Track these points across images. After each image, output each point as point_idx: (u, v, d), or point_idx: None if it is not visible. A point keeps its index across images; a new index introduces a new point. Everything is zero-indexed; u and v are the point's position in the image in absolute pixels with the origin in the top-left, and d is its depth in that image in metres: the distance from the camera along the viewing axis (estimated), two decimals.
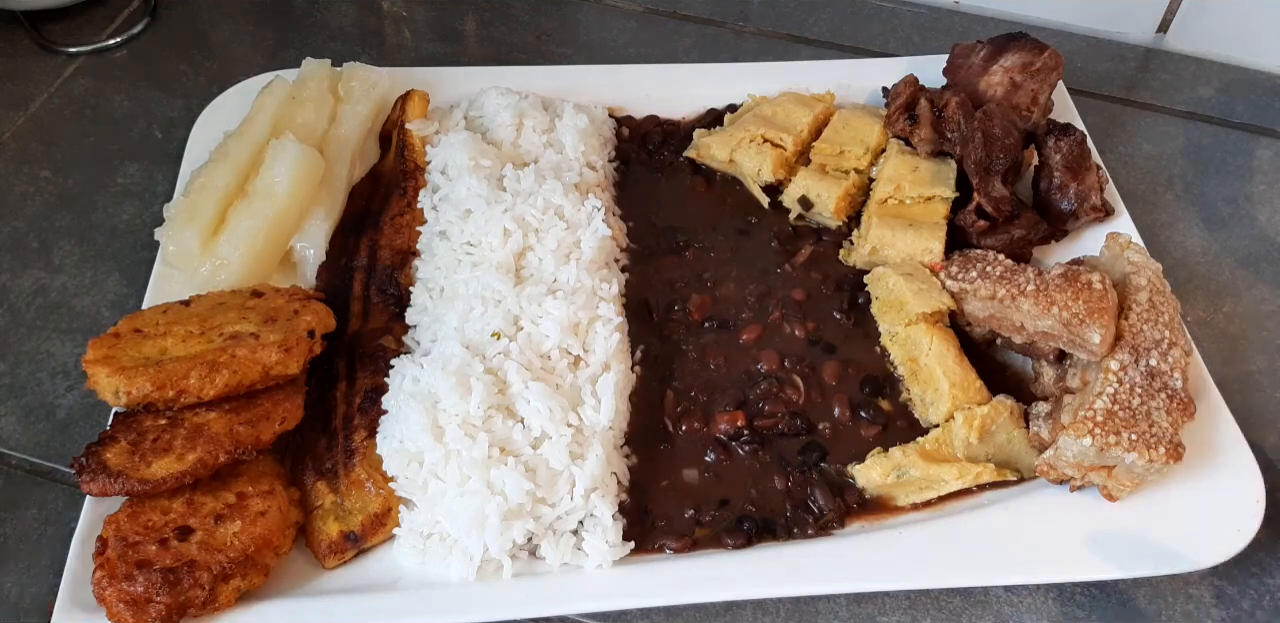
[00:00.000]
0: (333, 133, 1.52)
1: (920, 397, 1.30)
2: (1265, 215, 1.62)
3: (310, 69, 1.57)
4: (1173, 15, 1.85)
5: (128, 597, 1.04)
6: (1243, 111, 1.78)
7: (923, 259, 1.40)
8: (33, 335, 1.41)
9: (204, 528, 1.09)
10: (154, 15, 1.86)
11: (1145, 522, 1.18)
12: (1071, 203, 1.45)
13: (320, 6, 1.92)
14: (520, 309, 1.27)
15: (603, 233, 1.37)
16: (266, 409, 1.17)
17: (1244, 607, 1.20)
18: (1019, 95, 1.53)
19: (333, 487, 1.18)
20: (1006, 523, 1.18)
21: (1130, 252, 1.32)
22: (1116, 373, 1.18)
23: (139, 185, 1.59)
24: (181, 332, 1.22)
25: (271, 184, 1.39)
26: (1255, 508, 1.17)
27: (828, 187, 1.48)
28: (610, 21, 1.91)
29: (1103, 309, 1.22)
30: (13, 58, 1.78)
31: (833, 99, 1.63)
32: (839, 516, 1.20)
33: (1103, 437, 1.13)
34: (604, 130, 1.58)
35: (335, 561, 1.14)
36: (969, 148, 1.43)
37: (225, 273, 1.35)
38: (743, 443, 1.26)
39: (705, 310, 1.40)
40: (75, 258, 1.50)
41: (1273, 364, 1.43)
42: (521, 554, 1.15)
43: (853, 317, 1.40)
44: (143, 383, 1.13)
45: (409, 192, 1.46)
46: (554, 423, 1.18)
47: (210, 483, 1.14)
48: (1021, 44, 1.56)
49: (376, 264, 1.40)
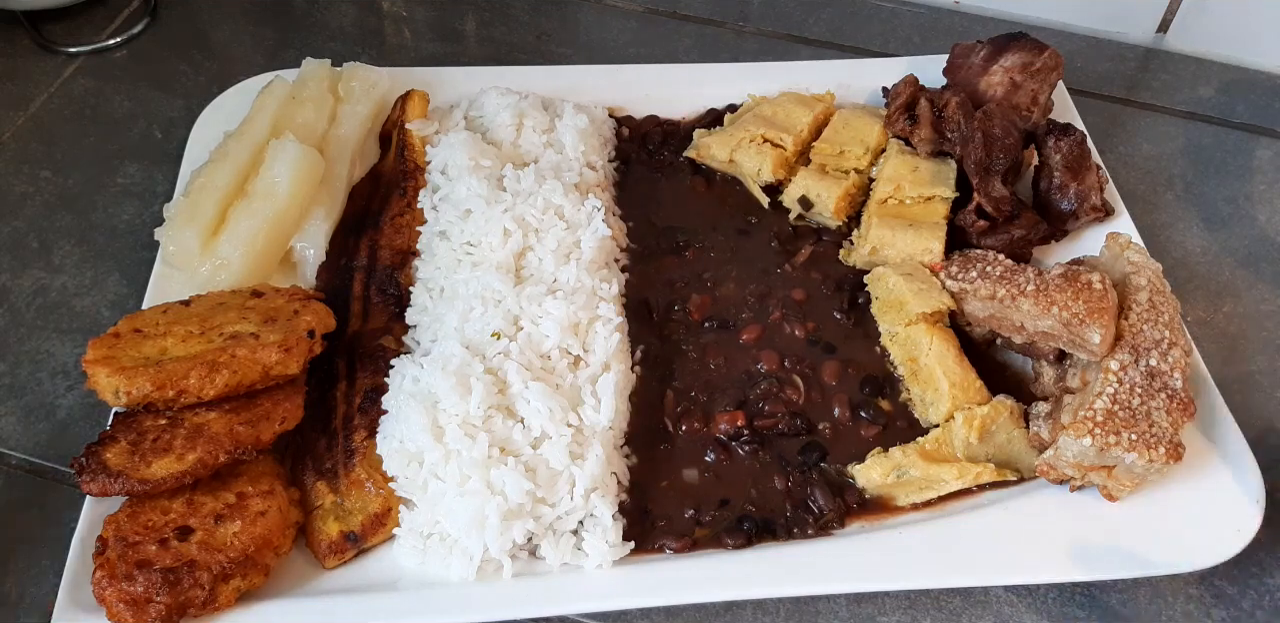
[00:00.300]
0: (333, 133, 1.52)
1: (920, 397, 1.30)
2: (1265, 215, 1.62)
3: (310, 69, 1.57)
4: (1173, 15, 1.85)
5: (128, 597, 1.04)
6: (1243, 111, 1.78)
7: (923, 259, 1.40)
8: (33, 335, 1.41)
9: (204, 528, 1.09)
10: (154, 15, 1.86)
11: (1145, 522, 1.18)
12: (1071, 203, 1.45)
13: (320, 6, 1.92)
14: (520, 309, 1.27)
15: (603, 233, 1.36)
16: (266, 409, 1.17)
17: (1244, 607, 1.20)
18: (1019, 95, 1.53)
19: (333, 487, 1.18)
20: (1006, 523, 1.18)
21: (1130, 252, 1.32)
22: (1116, 373, 1.18)
23: (139, 185, 1.59)
24: (181, 332, 1.22)
25: (272, 184, 1.39)
26: (1255, 508, 1.17)
27: (828, 187, 1.48)
28: (610, 21, 1.91)
29: (1103, 309, 1.22)
30: (13, 58, 1.78)
31: (833, 99, 1.63)
32: (839, 516, 1.20)
33: (1103, 437, 1.13)
34: (604, 130, 1.58)
35: (335, 561, 1.14)
36: (969, 148, 1.43)
37: (225, 273, 1.35)
38: (743, 443, 1.26)
39: (705, 310, 1.40)
40: (75, 258, 1.50)
41: (1273, 364, 1.43)
42: (521, 554, 1.15)
43: (853, 317, 1.40)
44: (143, 383, 1.13)
45: (409, 192, 1.46)
46: (554, 423, 1.18)
47: (210, 483, 1.14)
48: (1021, 44, 1.56)
49: (376, 264, 1.40)
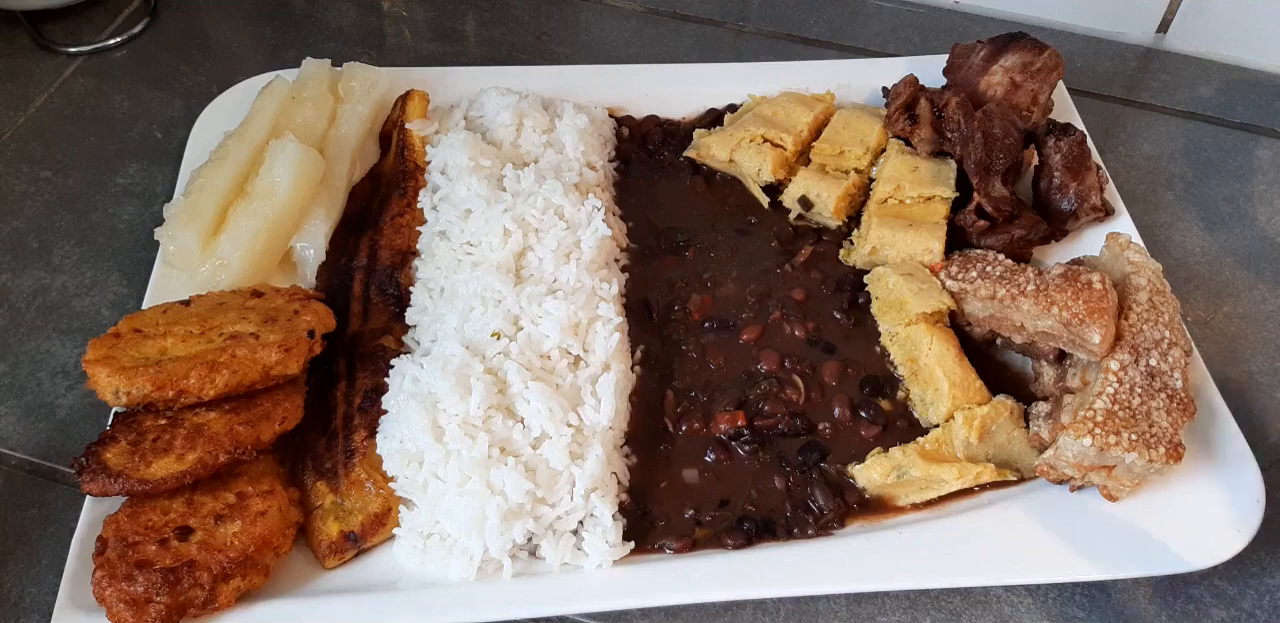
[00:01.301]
0: (332, 133, 1.52)
1: (920, 397, 1.30)
2: (1265, 215, 1.62)
3: (310, 69, 1.57)
4: (1173, 15, 1.85)
5: (128, 597, 1.04)
6: (1243, 111, 1.78)
7: (923, 259, 1.39)
8: (33, 335, 1.41)
9: (204, 528, 1.09)
10: (154, 15, 1.86)
11: (1145, 522, 1.18)
12: (1071, 203, 1.45)
13: (320, 6, 1.92)
14: (520, 309, 1.27)
15: (603, 233, 1.36)
16: (266, 409, 1.17)
17: (1244, 607, 1.20)
18: (1019, 95, 1.53)
19: (333, 487, 1.18)
20: (1006, 523, 1.18)
21: (1130, 252, 1.32)
22: (1116, 373, 1.18)
23: (139, 185, 1.59)
24: (181, 332, 1.22)
25: (272, 184, 1.39)
26: (1255, 508, 1.17)
27: (828, 186, 1.48)
28: (610, 21, 1.91)
29: (1103, 309, 1.22)
30: (13, 58, 1.78)
31: (833, 99, 1.63)
32: (839, 516, 1.20)
33: (1103, 437, 1.13)
34: (604, 130, 1.58)
35: (335, 561, 1.14)
36: (969, 148, 1.43)
37: (225, 273, 1.35)
38: (743, 443, 1.26)
39: (705, 310, 1.40)
40: (75, 258, 1.50)
41: (1273, 364, 1.43)
42: (521, 554, 1.15)
43: (853, 317, 1.40)
44: (143, 383, 1.13)
45: (409, 192, 1.46)
46: (554, 423, 1.18)
47: (210, 483, 1.14)
48: (1021, 44, 1.56)
49: (376, 264, 1.40)
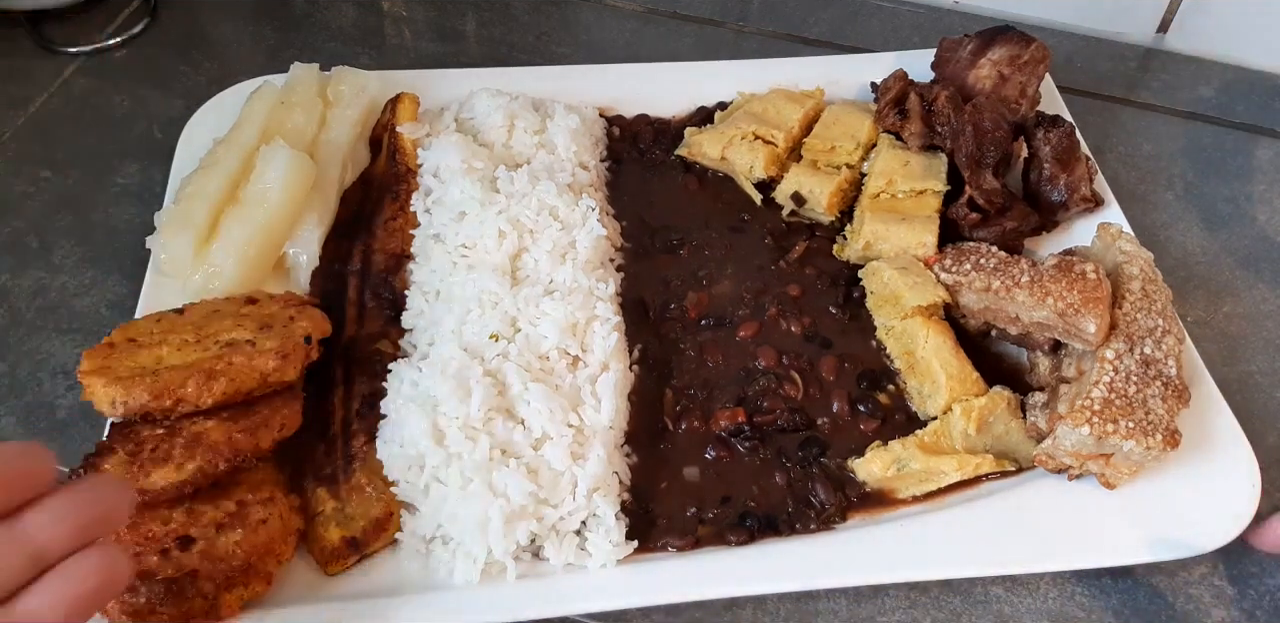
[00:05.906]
0: (323, 137, 1.51)
1: (918, 390, 1.30)
2: (1265, 215, 1.62)
3: (298, 74, 1.56)
4: (1173, 15, 1.85)
5: (131, 609, 1.03)
6: (1243, 111, 1.78)
7: (916, 253, 1.40)
8: (33, 335, 1.39)
9: (205, 537, 1.09)
10: (154, 15, 1.85)
11: (1143, 509, 1.18)
12: (1062, 194, 1.45)
13: (320, 6, 1.91)
14: (518, 310, 1.26)
15: (598, 233, 1.36)
16: (265, 416, 1.17)
17: (1244, 607, 1.20)
18: (1007, 88, 1.54)
19: (333, 493, 1.17)
20: (1006, 513, 1.19)
21: (1122, 241, 1.33)
22: (1112, 362, 1.19)
23: (139, 185, 1.58)
24: (177, 340, 1.21)
25: (263, 190, 1.38)
26: (1252, 492, 1.18)
27: (820, 182, 1.48)
28: (610, 21, 1.91)
29: (1097, 299, 1.22)
30: (13, 58, 1.76)
31: (822, 95, 1.63)
32: (841, 510, 1.20)
33: (1100, 425, 1.13)
34: (595, 130, 1.58)
35: (338, 567, 1.14)
36: (960, 141, 1.43)
37: (219, 280, 1.34)
38: (743, 440, 1.26)
39: (701, 308, 1.40)
40: (75, 258, 1.48)
41: (1273, 364, 1.43)
42: (525, 556, 1.15)
43: (848, 311, 1.40)
44: (140, 393, 1.12)
45: (401, 195, 1.46)
46: (554, 424, 1.18)
47: (210, 492, 1.13)
48: (1008, 37, 1.57)
49: (371, 269, 1.40)
